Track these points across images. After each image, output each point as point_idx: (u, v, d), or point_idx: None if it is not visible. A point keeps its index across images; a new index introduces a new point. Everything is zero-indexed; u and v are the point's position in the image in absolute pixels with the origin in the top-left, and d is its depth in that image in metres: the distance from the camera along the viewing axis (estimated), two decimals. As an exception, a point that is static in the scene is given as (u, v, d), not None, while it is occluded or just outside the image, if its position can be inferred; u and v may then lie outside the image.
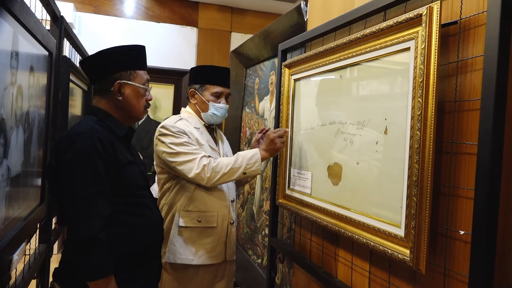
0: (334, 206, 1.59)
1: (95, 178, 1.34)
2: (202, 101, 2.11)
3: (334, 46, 1.58)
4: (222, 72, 2.17)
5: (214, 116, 2.11)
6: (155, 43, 4.71)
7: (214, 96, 2.10)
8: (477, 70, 1.06)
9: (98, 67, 1.51)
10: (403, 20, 1.21)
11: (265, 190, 2.97)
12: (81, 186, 1.32)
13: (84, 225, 1.31)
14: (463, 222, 1.09)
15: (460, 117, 1.11)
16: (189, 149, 1.92)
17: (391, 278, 1.36)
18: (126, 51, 1.51)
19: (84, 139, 1.35)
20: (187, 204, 2.00)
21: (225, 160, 1.93)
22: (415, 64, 1.16)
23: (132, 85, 1.50)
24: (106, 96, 1.50)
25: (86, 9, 4.62)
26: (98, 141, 1.36)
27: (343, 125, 1.56)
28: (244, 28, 5.12)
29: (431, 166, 1.11)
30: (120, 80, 1.48)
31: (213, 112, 2.09)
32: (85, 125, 1.42)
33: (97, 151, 1.35)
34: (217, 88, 2.11)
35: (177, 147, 1.91)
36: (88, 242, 1.30)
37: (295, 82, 1.98)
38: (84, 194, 1.32)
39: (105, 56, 1.49)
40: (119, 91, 1.49)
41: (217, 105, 2.09)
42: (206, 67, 2.20)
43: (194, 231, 2.00)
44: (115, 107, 1.50)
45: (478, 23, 1.07)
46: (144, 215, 1.50)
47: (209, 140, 2.12)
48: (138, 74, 1.52)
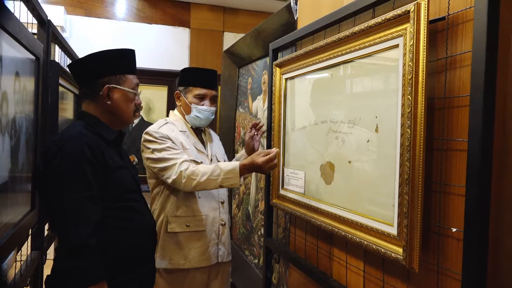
0: (327, 206, 1.59)
1: (84, 184, 1.33)
2: (185, 103, 2.09)
3: (324, 44, 1.57)
4: (206, 74, 2.14)
5: (197, 119, 2.09)
6: (147, 45, 4.68)
7: (196, 98, 2.08)
8: (466, 66, 1.05)
9: (86, 71, 1.49)
10: (391, 17, 1.20)
11: (260, 190, 2.96)
12: (70, 191, 1.31)
13: (73, 230, 1.29)
14: (455, 220, 1.08)
15: (450, 113, 1.10)
16: (170, 154, 1.91)
17: (385, 276, 1.35)
18: (115, 55, 1.50)
19: (72, 145, 1.34)
20: (175, 210, 2.00)
21: (203, 168, 1.89)
22: (404, 61, 1.15)
23: (121, 89, 1.48)
24: (94, 100, 1.49)
25: (77, 12, 4.59)
26: (86, 146, 1.35)
27: (334, 123, 1.55)
28: (237, 28, 5.10)
29: (422, 163, 1.10)
30: (109, 84, 1.46)
31: (196, 114, 2.07)
32: (73, 131, 1.40)
33: (86, 156, 1.34)
34: (200, 90, 2.08)
35: (159, 153, 1.91)
36: (78, 248, 1.29)
37: (286, 81, 1.97)
38: (73, 200, 1.30)
39: (93, 60, 1.48)
40: (108, 95, 1.47)
41: (199, 107, 2.07)
42: (191, 69, 2.18)
43: (183, 235, 2.01)
44: (104, 112, 1.49)
45: (466, 19, 1.06)
46: (135, 219, 1.49)
47: (196, 143, 2.10)
48: (127, 78, 1.50)
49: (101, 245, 1.34)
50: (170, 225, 2.00)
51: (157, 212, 2.03)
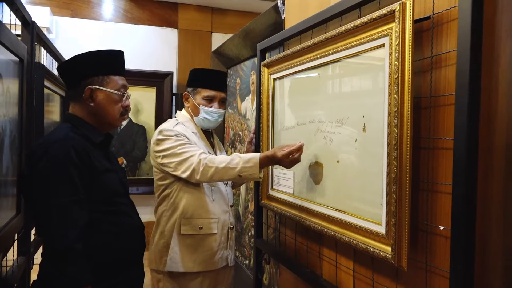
0: (316, 205, 1.59)
1: (69, 187, 1.31)
2: (194, 105, 2.06)
3: (311, 44, 1.57)
4: (215, 75, 2.12)
5: (206, 121, 2.05)
6: (135, 46, 4.65)
7: (205, 100, 2.04)
8: (451, 65, 1.06)
9: (71, 73, 1.47)
10: (377, 17, 1.20)
11: (250, 191, 2.95)
12: (55, 195, 1.29)
13: (59, 235, 1.27)
14: (442, 218, 1.08)
15: (436, 112, 1.10)
16: (189, 147, 1.86)
17: (375, 275, 1.36)
18: (99, 56, 1.48)
19: (58, 148, 1.32)
20: (188, 212, 1.95)
21: (221, 157, 1.84)
22: (390, 61, 1.15)
23: (105, 91, 1.46)
24: (79, 102, 1.47)
25: (63, 13, 4.54)
26: (72, 149, 1.32)
27: (322, 123, 1.55)
28: (225, 28, 5.09)
29: (409, 162, 1.11)
30: (91, 85, 1.44)
31: (204, 116, 2.04)
32: (59, 133, 1.38)
33: (72, 159, 1.32)
34: (209, 92, 2.05)
35: (175, 149, 1.85)
36: (64, 253, 1.27)
37: (274, 82, 1.96)
38: (59, 204, 1.28)
39: (77, 61, 1.46)
40: (91, 97, 1.45)
41: (208, 109, 2.03)
42: (200, 71, 2.15)
43: (195, 238, 1.96)
44: (89, 114, 1.47)
45: (451, 18, 1.06)
46: (122, 222, 1.47)
47: (207, 145, 2.08)
48: (112, 80, 1.48)
49: (88, 249, 1.32)
50: (183, 227, 1.95)
51: (167, 214, 1.97)
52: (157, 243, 1.98)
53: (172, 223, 1.96)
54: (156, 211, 2.04)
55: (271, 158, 1.68)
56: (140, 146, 4.62)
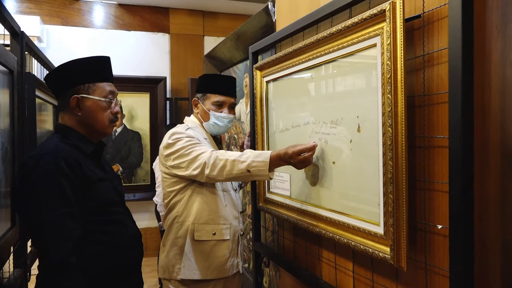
0: (313, 207, 1.58)
1: (62, 200, 1.28)
2: (203, 110, 2.03)
3: (302, 46, 1.57)
4: (225, 80, 2.09)
5: (216, 126, 2.03)
6: (126, 52, 4.64)
7: (215, 105, 2.01)
8: (443, 63, 1.06)
9: (57, 82, 1.45)
10: (368, 17, 1.20)
11: (247, 194, 2.94)
12: (48, 208, 1.26)
13: (53, 249, 1.25)
14: (440, 216, 1.08)
15: (430, 110, 1.10)
16: (201, 146, 1.83)
17: (375, 276, 1.35)
18: (84, 63, 1.45)
19: (48, 159, 1.30)
20: (202, 217, 1.91)
21: (231, 152, 1.79)
22: (382, 60, 1.15)
23: (91, 98, 1.44)
24: (68, 112, 1.45)
25: (54, 21, 4.52)
26: (62, 160, 1.30)
27: (316, 124, 1.55)
28: (217, 32, 5.09)
29: (404, 162, 1.10)
30: (77, 94, 1.42)
31: (214, 121, 2.01)
32: (49, 145, 1.37)
33: (63, 170, 1.29)
34: (219, 97, 2.02)
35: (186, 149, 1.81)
36: (58, 267, 1.24)
37: (267, 84, 1.96)
38: (51, 217, 1.26)
39: (62, 70, 1.44)
40: (78, 106, 1.43)
41: (218, 114, 2.00)
42: (209, 76, 2.13)
43: (208, 244, 1.92)
44: (78, 123, 1.45)
45: (441, 16, 1.06)
46: (119, 232, 1.45)
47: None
48: (98, 87, 1.45)
49: (84, 260, 1.30)
50: (196, 233, 1.90)
51: (180, 220, 1.92)
52: (169, 252, 1.93)
53: (185, 230, 1.91)
54: (165, 218, 1.99)
55: (282, 156, 1.60)
56: (136, 152, 4.60)
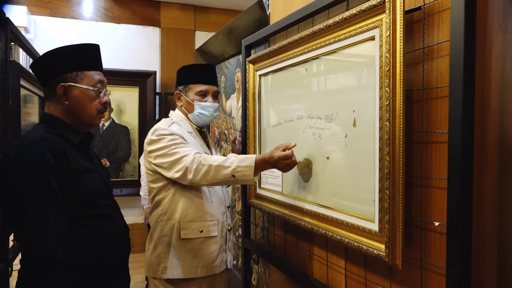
0: (306, 203, 1.55)
1: (46, 192, 1.23)
2: (187, 102, 1.99)
3: (297, 38, 1.54)
4: (206, 69, 2.05)
5: (202, 116, 1.99)
6: (116, 45, 4.56)
7: (198, 95, 1.98)
8: (443, 56, 1.03)
9: (43, 70, 1.39)
10: (366, 8, 1.17)
11: (237, 190, 2.91)
12: (32, 201, 1.21)
13: (37, 243, 1.20)
14: (437, 213, 1.06)
15: (428, 105, 1.08)
16: (184, 146, 1.79)
17: (368, 274, 1.32)
18: (71, 51, 1.40)
19: (33, 150, 1.24)
20: (188, 215, 1.86)
21: (215, 156, 1.78)
22: (381, 53, 1.12)
23: (79, 87, 1.38)
24: (54, 101, 1.39)
25: (41, 12, 4.42)
26: (48, 151, 1.25)
27: (311, 119, 1.52)
28: (208, 27, 5.03)
29: (402, 157, 1.08)
30: (64, 82, 1.37)
31: (200, 111, 1.98)
32: (34, 134, 1.31)
33: (48, 161, 1.24)
34: (201, 86, 1.98)
35: (170, 149, 1.77)
36: (43, 261, 1.19)
37: (260, 78, 1.92)
38: (36, 210, 1.21)
39: (49, 58, 1.38)
40: (65, 95, 1.37)
41: (202, 103, 1.97)
42: (188, 67, 2.09)
43: (196, 242, 1.87)
44: (64, 112, 1.39)
45: (442, 8, 1.04)
46: (106, 226, 1.40)
47: (202, 145, 2.02)
48: (86, 75, 1.40)
49: (70, 255, 1.25)
50: (183, 231, 1.86)
51: (164, 219, 1.88)
52: (154, 250, 1.89)
53: (170, 228, 1.87)
54: (150, 214, 1.95)
55: (268, 160, 1.58)
56: (124, 147, 4.53)
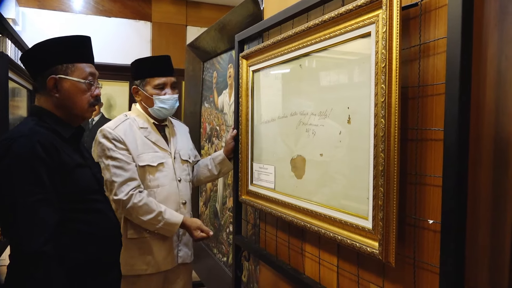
0: (299, 200, 1.54)
1: (36, 185, 1.21)
2: (146, 96, 1.98)
3: (292, 34, 1.52)
4: (161, 61, 2.03)
5: (163, 110, 1.98)
6: (106, 39, 4.51)
7: (157, 88, 1.97)
8: (439, 53, 1.03)
9: (33, 62, 1.37)
10: (363, 3, 1.16)
11: (228, 187, 2.89)
12: (21, 194, 1.19)
13: (27, 238, 1.17)
14: (431, 211, 1.05)
15: (424, 102, 1.07)
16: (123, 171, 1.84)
17: (360, 271, 1.32)
18: (62, 42, 1.37)
19: (22, 143, 1.22)
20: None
21: (153, 205, 1.87)
22: (377, 49, 1.11)
23: (70, 79, 1.36)
24: (44, 93, 1.36)
25: (30, 3, 4.35)
26: (38, 144, 1.22)
27: (304, 116, 1.51)
28: (200, 22, 5.00)
29: (397, 154, 1.07)
30: (54, 74, 1.34)
31: (160, 105, 1.97)
32: (23, 128, 1.28)
33: (38, 155, 1.22)
34: (158, 79, 1.97)
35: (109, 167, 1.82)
36: (33, 257, 1.17)
37: (253, 74, 1.90)
38: (25, 204, 1.18)
39: (39, 49, 1.35)
40: (55, 87, 1.35)
41: (162, 97, 1.96)
42: (143, 60, 2.06)
43: (144, 240, 1.91)
44: (55, 105, 1.37)
45: (439, 5, 1.03)
46: (97, 221, 1.38)
47: (158, 140, 2.01)
48: (78, 68, 1.38)
49: (60, 250, 1.23)
50: (129, 231, 1.91)
51: (123, 217, 1.92)
52: None
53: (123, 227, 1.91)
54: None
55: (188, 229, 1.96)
56: (113, 143, 4.49)
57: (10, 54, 2.58)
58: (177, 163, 2.07)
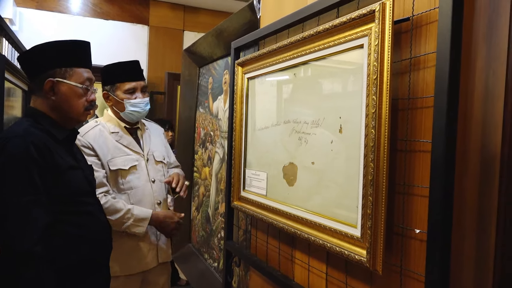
0: (290, 207, 1.56)
1: (29, 186, 1.22)
2: (117, 101, 2.01)
3: (287, 43, 1.55)
4: (131, 66, 2.06)
5: (134, 113, 2.02)
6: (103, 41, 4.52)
7: (127, 93, 2.00)
8: (429, 67, 1.06)
9: (32, 64, 1.38)
10: (356, 17, 1.18)
11: (221, 192, 2.90)
12: (13, 195, 1.20)
13: (18, 238, 1.18)
14: (418, 221, 1.08)
15: (413, 114, 1.10)
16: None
17: (348, 279, 1.34)
18: (62, 46, 1.39)
19: (16, 144, 1.23)
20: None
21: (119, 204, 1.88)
22: (369, 61, 1.14)
23: (67, 83, 1.37)
24: (40, 95, 1.38)
25: (28, 4, 4.36)
26: (32, 145, 1.24)
27: (297, 124, 1.53)
28: (198, 27, 5.03)
29: (386, 164, 1.09)
30: (52, 78, 1.35)
31: (131, 110, 2.00)
32: (18, 128, 1.29)
33: (31, 156, 1.23)
34: (128, 84, 2.01)
35: None
36: (23, 257, 1.18)
37: (248, 81, 1.93)
38: (17, 204, 1.19)
39: (39, 51, 1.37)
40: (52, 90, 1.36)
41: (133, 101, 1.99)
42: (112, 65, 2.09)
43: (119, 242, 1.90)
44: (50, 108, 1.38)
45: (430, 20, 1.06)
46: (88, 223, 1.39)
47: (130, 143, 2.03)
48: (76, 72, 1.39)
49: (51, 252, 1.24)
50: None
51: None
52: None
53: None
54: None
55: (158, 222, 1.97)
56: (107, 145, 4.48)
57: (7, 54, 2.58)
58: (150, 165, 2.10)
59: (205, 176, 3.22)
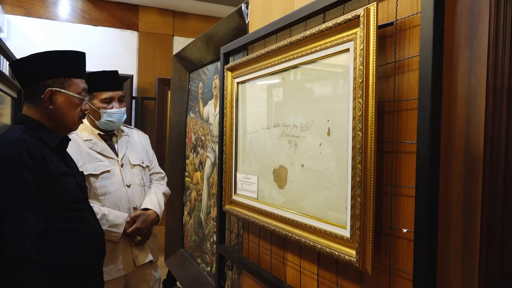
0: (280, 210, 1.58)
1: (22, 193, 1.22)
2: (93, 110, 2.03)
3: (275, 48, 1.57)
4: (109, 76, 2.08)
5: (109, 123, 2.04)
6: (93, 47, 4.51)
7: (104, 102, 2.02)
8: (413, 70, 1.08)
9: (29, 71, 1.39)
10: (342, 22, 1.21)
11: (212, 196, 2.91)
12: (7, 201, 1.20)
13: (12, 244, 1.19)
14: (405, 220, 1.10)
15: (399, 116, 1.12)
16: None
17: (339, 279, 1.36)
18: (62, 56, 1.41)
19: (10, 150, 1.24)
20: None
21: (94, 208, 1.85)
22: (355, 65, 1.16)
23: (66, 93, 1.39)
24: (36, 103, 1.38)
25: (16, 11, 4.34)
26: (25, 152, 1.24)
27: (287, 127, 1.55)
28: (187, 32, 5.04)
29: (373, 166, 1.12)
30: (52, 87, 1.36)
31: (107, 119, 2.02)
32: (11, 135, 1.30)
33: (25, 163, 1.23)
34: (106, 94, 2.03)
35: None
36: (17, 263, 1.18)
37: (238, 85, 1.95)
38: (12, 210, 1.20)
39: (38, 60, 1.38)
40: (50, 99, 1.37)
41: (109, 111, 2.01)
42: (91, 74, 2.11)
43: None
44: (46, 116, 1.39)
45: (413, 24, 1.09)
46: (80, 230, 1.40)
47: (104, 149, 2.05)
48: (74, 83, 1.41)
49: (44, 258, 1.24)
50: None
51: None
52: None
53: None
54: None
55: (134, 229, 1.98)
56: (98, 151, 4.46)
57: (-5, 61, 2.58)
58: (125, 169, 2.11)
59: (196, 181, 3.23)
